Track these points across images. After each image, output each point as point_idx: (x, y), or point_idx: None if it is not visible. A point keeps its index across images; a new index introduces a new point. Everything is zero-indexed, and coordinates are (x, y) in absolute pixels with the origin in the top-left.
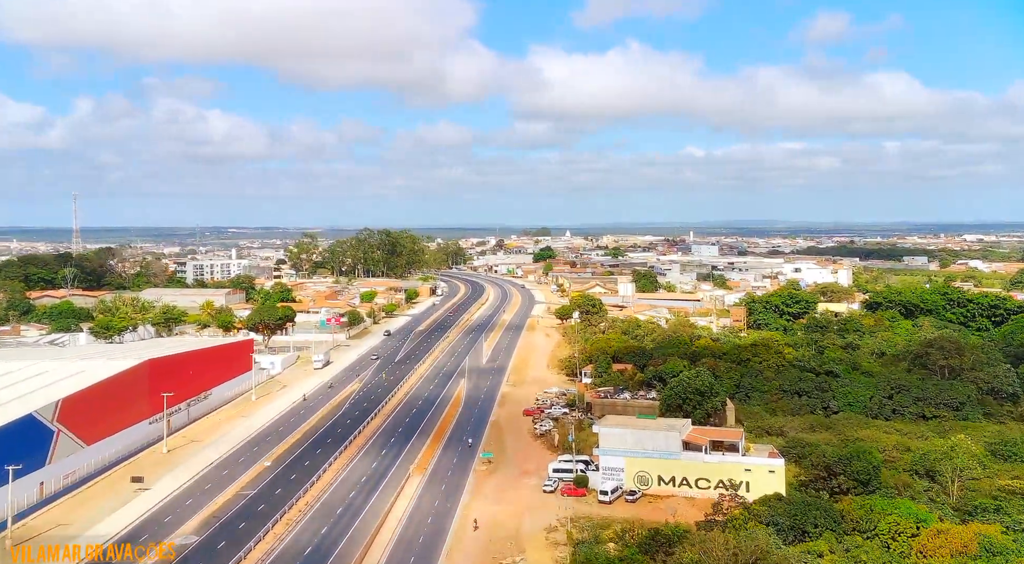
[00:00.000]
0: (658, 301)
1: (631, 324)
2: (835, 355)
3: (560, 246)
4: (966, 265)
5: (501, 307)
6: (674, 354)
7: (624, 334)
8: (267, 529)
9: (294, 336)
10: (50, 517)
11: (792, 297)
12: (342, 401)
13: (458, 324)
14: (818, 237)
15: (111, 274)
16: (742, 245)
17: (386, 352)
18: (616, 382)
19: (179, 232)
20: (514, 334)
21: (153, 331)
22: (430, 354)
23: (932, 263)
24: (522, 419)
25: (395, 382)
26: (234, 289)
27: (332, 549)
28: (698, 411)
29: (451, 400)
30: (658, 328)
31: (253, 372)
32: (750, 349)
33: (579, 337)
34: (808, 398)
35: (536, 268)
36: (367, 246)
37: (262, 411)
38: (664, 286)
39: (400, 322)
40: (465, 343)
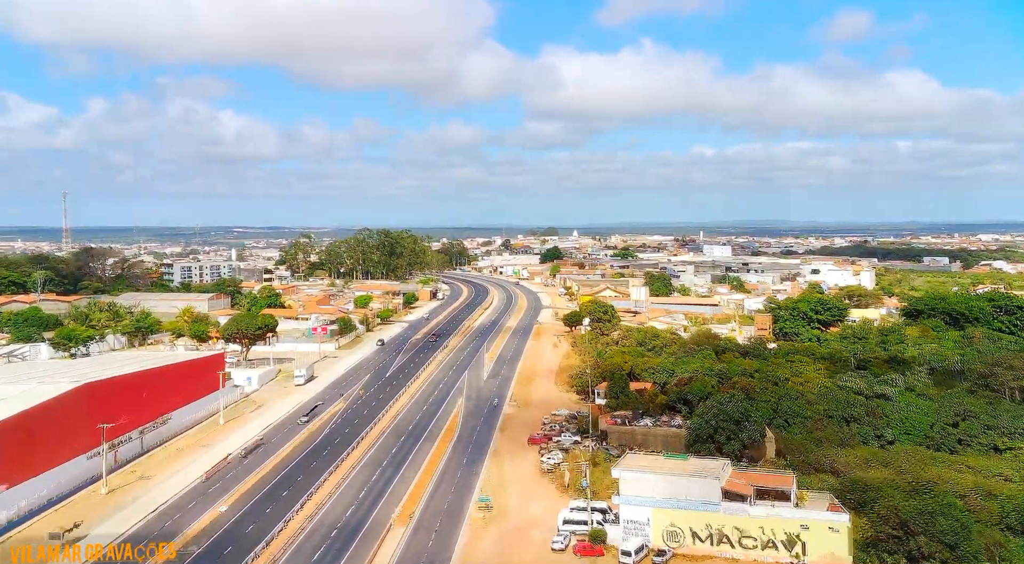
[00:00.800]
0: (673, 305)
1: (647, 334)
2: (878, 370)
3: (567, 246)
4: (989, 266)
5: (505, 312)
6: (699, 371)
7: (640, 345)
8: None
9: (278, 346)
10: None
11: (822, 303)
12: (321, 426)
13: (459, 331)
14: (830, 237)
15: (90, 277)
16: (754, 245)
17: (377, 365)
18: (634, 404)
19: (185, 232)
20: (519, 343)
21: (124, 341)
22: (425, 367)
23: (954, 264)
24: (527, 449)
25: (384, 402)
26: (218, 294)
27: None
28: (733, 442)
29: (445, 425)
30: (678, 339)
31: (224, 391)
32: (786, 365)
33: (590, 348)
34: (858, 425)
35: (543, 269)
36: (365, 247)
37: (229, 438)
38: (678, 289)
39: (396, 329)
40: (465, 354)
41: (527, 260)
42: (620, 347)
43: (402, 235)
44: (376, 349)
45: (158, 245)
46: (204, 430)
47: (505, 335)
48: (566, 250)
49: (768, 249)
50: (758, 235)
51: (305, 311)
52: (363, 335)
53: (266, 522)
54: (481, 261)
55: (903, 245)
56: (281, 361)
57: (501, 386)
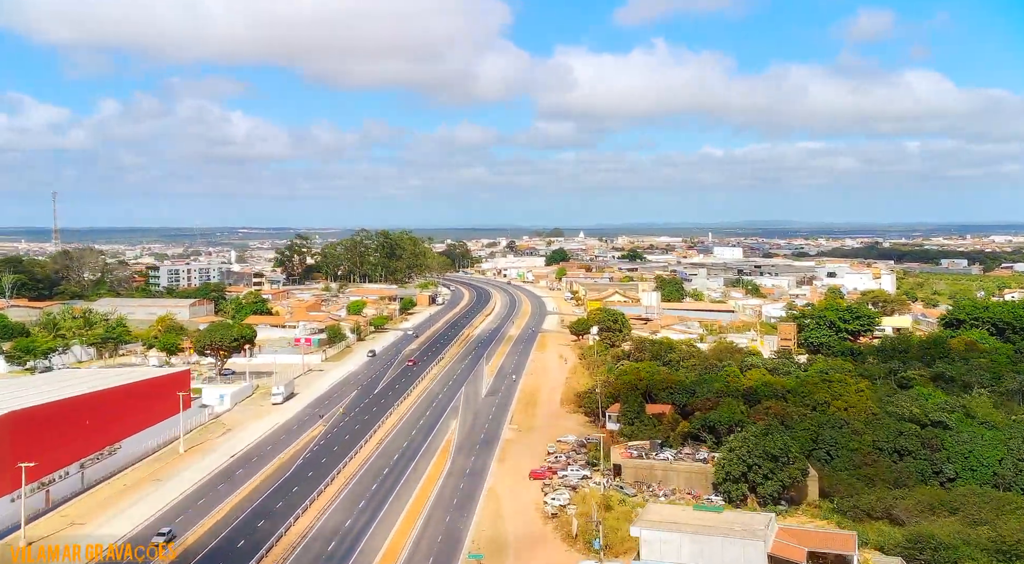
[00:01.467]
0: (686, 312)
1: (663, 346)
2: (924, 390)
3: (573, 247)
4: (1011, 269)
5: (508, 318)
6: (723, 391)
7: (654, 359)
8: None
9: (260, 358)
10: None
11: (851, 311)
12: (296, 454)
13: (458, 340)
14: (840, 238)
15: (68, 282)
16: (763, 246)
17: (366, 379)
18: (651, 431)
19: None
20: (522, 354)
21: (93, 352)
22: (419, 382)
23: (973, 266)
24: (528, 486)
25: (368, 424)
26: (200, 299)
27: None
28: (770, 483)
29: (436, 455)
30: (696, 351)
31: (190, 413)
32: (824, 385)
33: (600, 362)
34: (913, 459)
35: (548, 272)
36: (363, 249)
37: (186, 471)
38: (690, 294)
39: (390, 338)
40: (463, 367)
41: (532, 262)
42: (632, 361)
43: (402, 236)
44: (366, 361)
45: (162, 246)
46: (161, 460)
47: (507, 345)
48: (572, 251)
49: (778, 250)
50: (766, 236)
51: (293, 318)
52: (354, 345)
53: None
54: (485, 263)
55: (915, 246)
56: (260, 376)
57: (501, 406)
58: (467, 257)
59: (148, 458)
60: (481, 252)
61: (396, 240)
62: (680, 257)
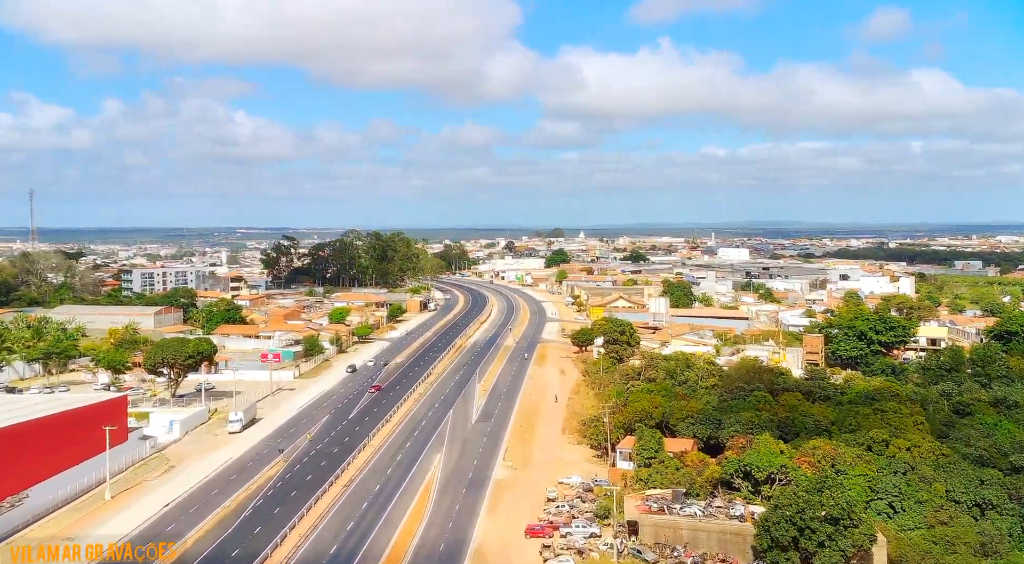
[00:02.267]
0: (697, 319)
1: (678, 363)
2: (987, 420)
3: (574, 248)
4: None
5: (506, 325)
6: (753, 422)
7: (669, 377)
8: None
9: (226, 374)
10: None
11: (884, 321)
12: (245, 500)
13: (448, 351)
14: (844, 238)
15: (27, 287)
16: (768, 246)
17: (342, 400)
18: (672, 475)
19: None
20: (519, 369)
21: (39, 368)
22: (400, 404)
23: (988, 268)
24: (523, 546)
25: (336, 461)
26: (167, 307)
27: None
28: (828, 552)
29: (412, 502)
30: (715, 369)
31: (123, 447)
32: (874, 415)
33: (607, 381)
34: (999, 515)
35: (548, 275)
36: (352, 250)
37: (107, 524)
38: (699, 298)
39: (374, 349)
40: (452, 385)
41: (531, 264)
42: (644, 382)
43: (394, 237)
44: (345, 377)
45: (159, 246)
46: (80, 510)
47: (503, 357)
48: (572, 253)
49: (782, 251)
50: (767, 236)
51: (268, 327)
52: (333, 358)
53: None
54: (482, 265)
55: (922, 247)
56: (222, 397)
57: (493, 435)
58: (464, 258)
59: (65, 508)
60: (479, 253)
61: (387, 241)
62: (684, 258)
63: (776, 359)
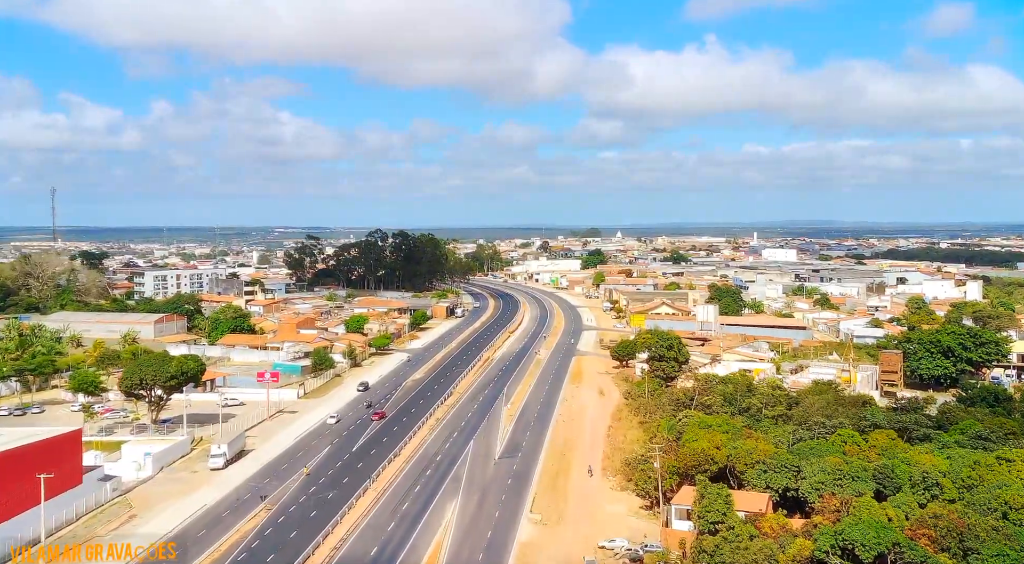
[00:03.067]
0: (749, 328)
1: (738, 386)
2: None
3: (611, 248)
4: None
5: (538, 335)
6: (842, 472)
7: (727, 403)
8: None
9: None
10: None
11: (973, 335)
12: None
13: (474, 366)
14: (892, 238)
15: (27, 291)
16: (812, 246)
17: (347, 426)
18: (745, 548)
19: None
20: (551, 388)
21: (16, 386)
22: (414, 433)
23: None
24: None
25: (331, 509)
26: (170, 314)
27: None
28: None
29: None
30: (782, 395)
31: (77, 492)
32: (1003, 468)
33: (653, 407)
34: None
35: (584, 277)
36: (377, 252)
37: None
38: (749, 305)
39: (392, 363)
40: (474, 409)
41: (567, 266)
42: (699, 411)
43: (422, 238)
44: (355, 397)
45: (196, 245)
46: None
47: (533, 373)
48: (609, 253)
49: (829, 251)
50: (810, 236)
51: (278, 337)
52: (346, 373)
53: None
54: (515, 266)
55: (975, 247)
56: (209, 424)
57: (520, 478)
58: (497, 259)
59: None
60: (513, 253)
61: (415, 242)
62: (727, 259)
63: (845, 378)
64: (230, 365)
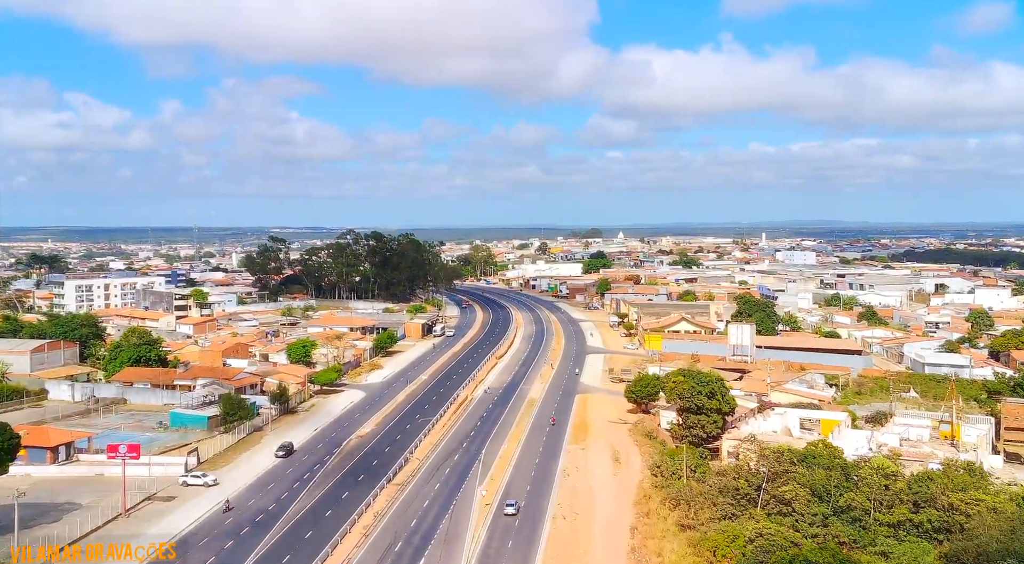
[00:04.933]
0: (792, 353)
1: (833, 472)
2: None
3: (613, 250)
4: None
5: (532, 362)
6: None
7: (817, 500)
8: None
9: (78, 466)
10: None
11: None
12: None
13: (444, 413)
14: (905, 238)
15: None
16: (825, 247)
17: (243, 523)
18: None
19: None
20: (547, 452)
21: None
22: (337, 542)
23: None
24: None
25: None
26: (55, 341)
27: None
28: None
29: None
30: (903, 488)
31: None
32: None
33: (702, 503)
34: None
35: (587, 284)
36: (348, 255)
37: None
38: (783, 319)
39: (339, 407)
40: (434, 493)
41: (567, 270)
42: (780, 527)
43: (402, 240)
44: (271, 468)
45: (190, 246)
46: None
47: (523, 424)
48: (612, 255)
49: (841, 252)
50: (817, 236)
51: (189, 372)
52: (270, 424)
53: None
54: (511, 270)
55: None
56: (42, 518)
57: None
58: (491, 262)
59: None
60: (510, 255)
61: (394, 244)
62: (741, 263)
63: (944, 432)
64: (123, 411)
